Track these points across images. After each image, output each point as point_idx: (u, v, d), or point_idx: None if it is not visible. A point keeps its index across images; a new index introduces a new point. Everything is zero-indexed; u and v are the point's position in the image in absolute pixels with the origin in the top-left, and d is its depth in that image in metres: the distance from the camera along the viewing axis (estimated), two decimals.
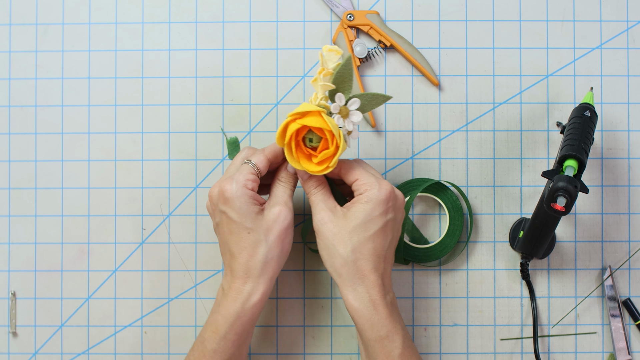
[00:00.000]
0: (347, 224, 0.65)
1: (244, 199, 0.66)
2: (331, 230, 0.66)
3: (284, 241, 0.67)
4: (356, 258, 0.65)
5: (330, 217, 0.66)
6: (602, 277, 0.78)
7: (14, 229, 0.79)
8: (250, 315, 0.67)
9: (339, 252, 0.65)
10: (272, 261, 0.67)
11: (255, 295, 0.66)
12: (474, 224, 0.79)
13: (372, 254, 0.65)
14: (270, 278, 0.67)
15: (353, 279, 0.65)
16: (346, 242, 0.65)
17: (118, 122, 0.79)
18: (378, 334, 0.65)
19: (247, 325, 0.67)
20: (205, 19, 0.79)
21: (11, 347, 0.79)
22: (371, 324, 0.65)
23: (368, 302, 0.65)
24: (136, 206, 0.79)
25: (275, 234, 0.66)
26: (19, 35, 0.80)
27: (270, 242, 0.66)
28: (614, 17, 0.79)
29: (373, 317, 0.65)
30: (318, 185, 0.68)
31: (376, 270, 0.66)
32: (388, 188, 0.66)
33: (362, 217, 0.65)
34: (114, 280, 0.79)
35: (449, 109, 0.79)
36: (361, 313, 0.65)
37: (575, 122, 0.70)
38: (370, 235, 0.65)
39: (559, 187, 0.65)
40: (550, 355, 0.78)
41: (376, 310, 0.65)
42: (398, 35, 0.78)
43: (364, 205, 0.65)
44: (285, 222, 0.67)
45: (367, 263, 0.65)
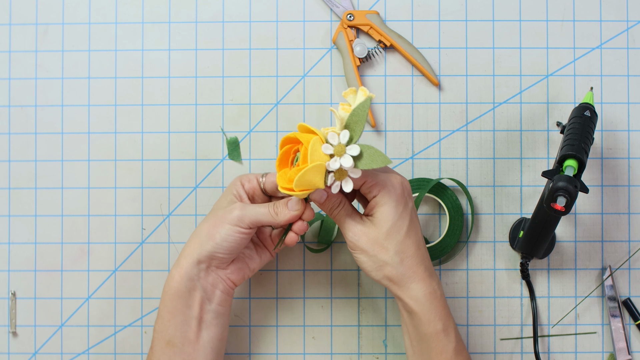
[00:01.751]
0: (380, 229, 0.65)
1: (230, 188, 0.69)
2: (368, 242, 0.65)
3: (216, 228, 0.67)
4: (401, 259, 0.65)
5: (362, 230, 0.66)
6: (602, 277, 0.78)
7: (14, 229, 0.79)
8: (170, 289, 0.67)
9: (384, 260, 0.65)
10: (196, 243, 0.67)
11: (174, 271, 0.68)
12: (474, 224, 0.79)
13: (414, 248, 0.66)
14: (189, 257, 0.67)
15: (405, 279, 0.65)
16: (387, 247, 0.65)
17: (118, 122, 0.79)
18: (435, 328, 0.65)
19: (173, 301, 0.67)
20: (205, 19, 0.79)
21: (11, 347, 0.79)
22: (428, 319, 0.65)
23: (424, 296, 0.65)
24: (136, 206, 0.79)
25: (215, 220, 0.67)
26: (19, 35, 0.80)
27: (206, 225, 0.67)
28: (614, 17, 0.79)
29: (431, 311, 0.65)
30: (339, 205, 0.67)
31: (422, 262, 0.66)
32: (398, 179, 0.66)
33: (391, 219, 0.65)
34: (114, 280, 0.79)
35: (449, 109, 0.79)
36: (420, 309, 0.65)
37: (575, 122, 0.70)
38: (405, 232, 0.65)
39: (559, 187, 0.65)
40: (550, 355, 0.78)
41: (433, 304, 0.65)
42: (398, 35, 0.78)
43: (387, 207, 0.65)
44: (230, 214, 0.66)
45: (413, 259, 0.65)
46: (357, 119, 0.62)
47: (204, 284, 0.68)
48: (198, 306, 0.68)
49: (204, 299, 0.68)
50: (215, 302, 0.69)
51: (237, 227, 0.66)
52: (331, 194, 0.66)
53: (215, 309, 0.69)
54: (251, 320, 0.79)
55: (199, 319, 0.68)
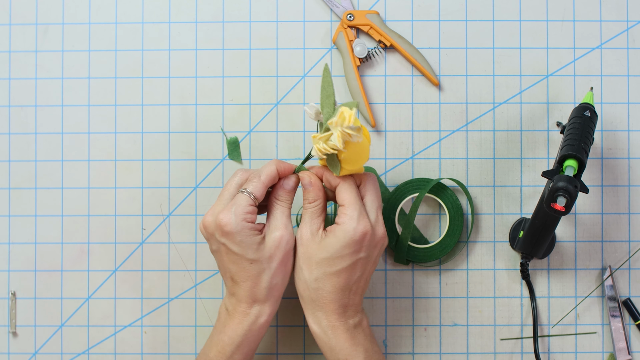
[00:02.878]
0: (318, 253, 0.65)
1: (245, 233, 0.64)
2: (303, 253, 0.66)
3: (287, 265, 0.66)
4: (317, 287, 0.65)
5: (308, 238, 0.66)
6: (602, 277, 0.78)
7: (14, 229, 0.79)
8: (257, 335, 0.67)
9: (304, 276, 0.66)
10: (277, 285, 0.66)
11: (262, 317, 0.67)
12: (474, 224, 0.79)
13: (335, 287, 0.65)
14: (276, 300, 0.67)
15: (312, 305, 0.66)
16: (312, 270, 0.65)
17: (118, 122, 0.79)
18: (337, 357, 0.66)
19: (253, 345, 0.67)
20: (205, 19, 0.79)
21: (11, 347, 0.79)
22: (329, 348, 0.66)
23: (326, 327, 0.66)
24: (136, 206, 0.79)
25: (277, 260, 0.65)
26: (19, 35, 0.80)
27: (273, 269, 0.65)
28: (614, 17, 0.79)
29: (331, 341, 0.66)
30: (314, 200, 0.67)
31: (337, 301, 0.65)
32: (365, 228, 0.64)
33: (332, 252, 0.64)
34: (114, 280, 0.79)
35: (449, 109, 0.79)
36: (319, 337, 0.66)
37: (575, 122, 0.70)
38: (336, 271, 0.65)
39: (559, 187, 0.65)
40: (550, 355, 0.78)
41: (334, 335, 0.65)
42: (398, 35, 0.78)
43: (336, 240, 0.64)
44: (287, 246, 0.66)
45: (327, 295, 0.65)
46: (326, 93, 0.63)
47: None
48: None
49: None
50: None
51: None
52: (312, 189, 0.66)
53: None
54: None
55: None
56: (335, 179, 0.66)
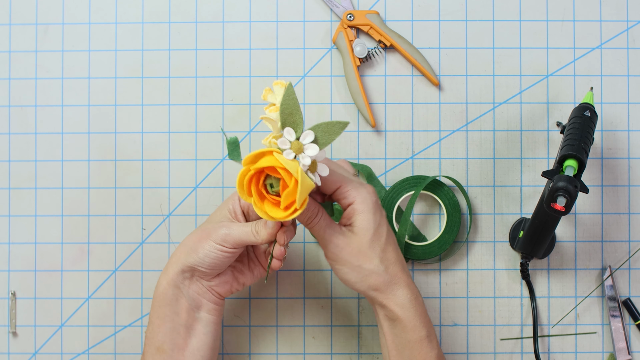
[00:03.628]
0: (362, 238, 0.64)
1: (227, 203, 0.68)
2: (351, 252, 0.64)
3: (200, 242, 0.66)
4: (386, 266, 0.64)
5: (343, 240, 0.64)
6: (602, 277, 0.78)
7: (14, 229, 0.79)
8: (158, 295, 0.67)
9: (370, 269, 0.64)
10: (180, 252, 0.67)
11: (161, 278, 0.67)
12: (474, 223, 0.79)
13: (395, 254, 0.65)
14: (173, 265, 0.67)
15: (391, 287, 0.65)
16: (371, 256, 0.64)
17: (118, 122, 0.79)
18: (420, 334, 0.65)
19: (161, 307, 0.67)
20: (205, 19, 0.79)
21: (11, 347, 0.79)
22: (414, 325, 0.65)
23: (409, 302, 0.65)
24: (136, 206, 0.79)
25: (200, 233, 0.66)
26: (19, 35, 0.80)
27: (192, 237, 0.67)
28: (614, 17, 0.79)
29: (416, 317, 0.65)
30: (316, 216, 0.65)
31: (404, 268, 0.66)
32: (369, 188, 0.65)
33: (372, 226, 0.64)
34: (114, 280, 0.79)
35: (449, 109, 0.79)
36: (406, 315, 0.64)
37: (575, 122, 0.70)
38: (386, 239, 0.65)
39: (559, 187, 0.65)
40: (550, 355, 0.78)
41: (417, 310, 0.65)
42: (398, 35, 0.78)
43: (365, 215, 0.64)
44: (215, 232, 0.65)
45: (395, 266, 0.65)
46: (289, 110, 0.59)
47: (189, 292, 0.67)
48: (185, 313, 0.67)
49: (191, 307, 0.67)
50: (204, 310, 0.68)
51: (221, 246, 0.65)
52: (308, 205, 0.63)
53: (204, 317, 0.68)
54: (251, 320, 0.79)
55: (188, 326, 0.67)
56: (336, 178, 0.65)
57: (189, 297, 0.67)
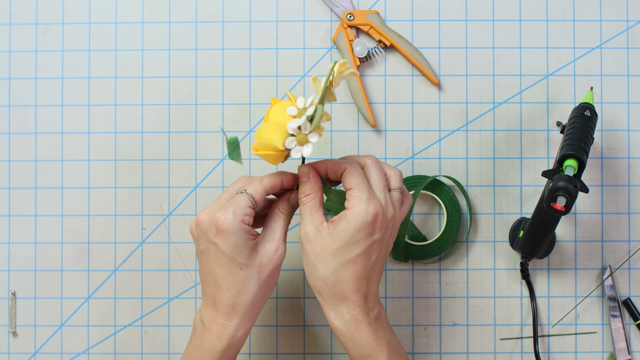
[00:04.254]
0: (331, 244, 0.62)
1: (240, 235, 0.62)
2: (314, 249, 0.63)
3: (273, 279, 0.64)
4: (336, 280, 0.63)
5: (314, 234, 0.63)
6: (602, 277, 0.78)
7: (14, 229, 0.79)
8: (236, 350, 0.65)
9: (320, 273, 0.63)
10: (261, 298, 0.64)
11: (240, 332, 0.64)
12: (474, 223, 0.79)
13: (354, 276, 0.63)
14: (256, 314, 0.65)
15: (333, 300, 0.63)
16: (327, 263, 0.62)
17: (118, 122, 0.79)
18: (361, 352, 0.63)
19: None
20: (205, 19, 0.79)
21: (11, 347, 0.79)
22: (353, 343, 0.64)
23: (349, 321, 0.63)
24: (136, 206, 0.79)
25: (267, 271, 0.63)
26: (19, 35, 0.80)
27: (262, 280, 0.63)
28: (614, 17, 0.79)
29: (355, 336, 0.63)
30: (310, 194, 0.64)
31: (358, 291, 0.63)
32: (376, 209, 0.62)
33: (346, 239, 0.62)
34: (114, 280, 0.79)
35: (449, 109, 0.79)
36: (343, 332, 0.64)
37: (575, 121, 0.70)
38: (352, 258, 0.62)
39: (559, 187, 0.65)
40: (550, 355, 0.78)
41: (358, 329, 0.63)
42: (398, 35, 0.78)
43: (348, 225, 0.61)
44: (280, 260, 0.64)
45: (348, 285, 0.63)
46: (322, 86, 0.61)
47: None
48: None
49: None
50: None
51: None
52: (309, 182, 0.64)
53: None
54: None
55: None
56: (341, 166, 0.64)
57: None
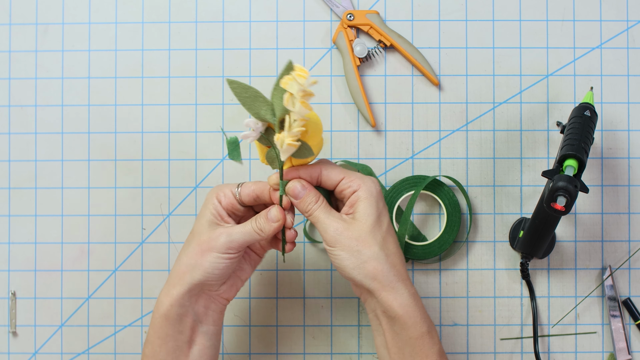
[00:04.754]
0: (364, 224, 0.63)
1: (208, 206, 0.65)
2: (352, 236, 0.63)
3: (204, 256, 0.63)
4: (386, 255, 0.63)
5: (344, 225, 0.63)
6: (602, 277, 0.78)
7: (14, 229, 0.79)
8: (160, 316, 0.64)
9: (369, 255, 0.62)
10: (185, 269, 0.64)
11: (163, 297, 0.65)
12: (474, 223, 0.79)
13: (395, 246, 0.64)
14: (179, 284, 0.64)
15: (390, 278, 0.63)
16: (371, 242, 0.62)
17: (118, 122, 0.79)
18: (420, 330, 0.63)
19: (164, 328, 0.65)
20: (205, 19, 0.79)
21: (11, 347, 0.79)
22: (415, 321, 0.62)
23: (409, 297, 0.63)
24: (136, 206, 0.79)
25: (200, 246, 0.64)
26: (19, 35, 0.80)
27: (191, 251, 0.64)
28: (614, 17, 0.79)
29: (416, 313, 0.63)
30: (317, 201, 0.64)
31: (403, 262, 0.64)
32: (375, 179, 0.65)
33: (375, 213, 0.63)
34: (114, 280, 0.79)
35: (449, 109, 0.79)
36: (407, 311, 0.62)
37: (575, 121, 0.70)
38: (387, 228, 0.64)
39: (559, 187, 0.65)
40: (550, 355, 0.78)
41: (417, 306, 0.63)
42: (398, 35, 0.78)
43: (368, 201, 0.63)
44: (216, 242, 0.63)
45: (395, 257, 0.64)
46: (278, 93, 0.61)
47: (196, 308, 0.66)
48: (189, 330, 0.65)
49: (195, 322, 0.66)
50: (208, 322, 0.67)
51: (226, 254, 0.64)
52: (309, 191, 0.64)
53: (207, 330, 0.67)
54: (251, 320, 0.79)
55: (190, 342, 0.66)
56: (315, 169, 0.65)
57: (195, 313, 0.66)
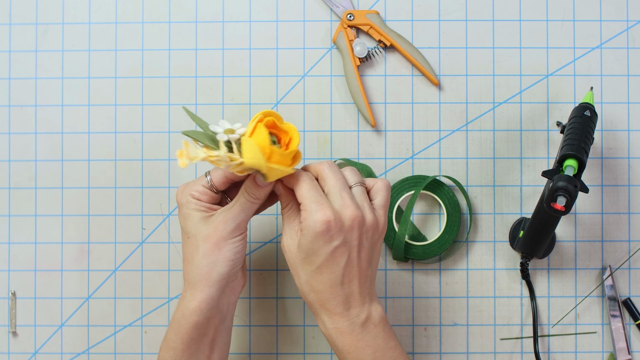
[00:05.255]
0: (297, 256, 0.63)
1: (190, 206, 0.65)
2: (289, 259, 0.64)
3: (221, 249, 0.64)
4: (310, 290, 0.64)
5: (289, 244, 0.64)
6: (602, 277, 0.78)
7: (14, 229, 0.79)
8: (190, 322, 0.64)
9: (297, 283, 0.65)
10: (208, 269, 0.64)
11: (193, 303, 0.64)
12: (474, 223, 0.79)
13: (324, 284, 0.63)
14: (208, 285, 0.64)
15: (315, 308, 0.64)
16: (299, 274, 0.64)
17: (118, 122, 0.79)
18: (345, 358, 0.64)
19: (190, 333, 0.64)
20: (205, 19, 0.79)
21: (11, 347, 0.79)
22: (337, 350, 0.64)
23: (331, 329, 0.64)
24: (136, 206, 0.79)
25: (213, 241, 0.63)
26: (19, 35, 0.80)
27: (206, 249, 0.63)
28: (614, 17, 0.79)
29: (337, 343, 0.64)
30: (286, 205, 0.65)
31: (334, 298, 0.63)
32: (324, 216, 0.61)
33: (305, 250, 0.62)
34: (114, 280, 0.79)
35: (449, 109, 0.79)
36: (327, 339, 0.65)
37: (575, 121, 0.70)
38: (317, 268, 0.62)
39: (559, 187, 0.65)
40: (550, 355, 0.78)
41: (340, 337, 0.63)
42: (398, 35, 0.78)
43: (304, 238, 0.62)
44: (224, 230, 0.63)
45: (321, 294, 0.63)
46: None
47: (221, 306, 0.66)
48: (213, 330, 0.65)
49: (220, 321, 0.66)
50: (228, 318, 0.67)
51: (239, 236, 0.64)
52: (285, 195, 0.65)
53: (226, 326, 0.67)
54: (251, 320, 0.79)
55: (212, 342, 0.66)
56: (290, 180, 0.64)
57: (221, 312, 0.66)
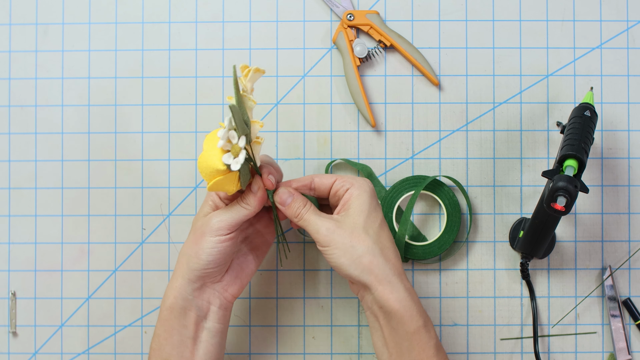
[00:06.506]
0: (356, 219, 0.64)
1: (207, 202, 0.68)
2: (344, 233, 0.64)
3: (200, 243, 0.65)
4: (381, 248, 0.64)
5: (335, 223, 0.64)
6: (602, 277, 0.78)
7: (14, 229, 0.79)
8: (165, 305, 0.66)
9: (363, 249, 0.63)
10: (184, 259, 0.66)
11: (168, 288, 0.66)
12: (474, 223, 0.79)
13: (389, 240, 0.65)
14: (180, 275, 0.66)
15: (385, 272, 0.63)
16: (364, 237, 0.63)
17: (118, 122, 0.79)
18: (417, 324, 0.63)
19: (167, 317, 0.66)
20: (205, 19, 0.79)
21: (11, 347, 0.79)
22: (411, 316, 0.63)
23: (404, 291, 0.63)
24: (136, 206, 0.79)
25: (197, 234, 0.65)
26: (19, 35, 0.80)
27: (189, 240, 0.66)
28: (614, 17, 0.79)
29: (412, 308, 0.63)
30: (305, 205, 0.66)
31: (398, 256, 0.65)
32: (367, 180, 0.67)
33: (367, 208, 0.65)
34: (114, 280, 0.79)
35: (449, 109, 0.79)
36: (403, 305, 0.63)
37: (575, 121, 0.70)
38: (380, 223, 0.65)
39: (559, 187, 0.65)
40: (550, 355, 0.78)
41: (413, 300, 0.63)
42: (398, 35, 0.78)
43: (361, 198, 0.65)
44: (211, 226, 0.64)
45: (390, 252, 0.65)
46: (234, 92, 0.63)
47: (198, 302, 0.66)
48: (194, 325, 0.66)
49: (199, 318, 0.66)
50: (212, 319, 0.67)
51: (219, 237, 0.64)
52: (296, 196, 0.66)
53: (211, 327, 0.67)
54: (251, 320, 0.79)
55: (195, 338, 0.66)
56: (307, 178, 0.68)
57: (198, 308, 0.66)
